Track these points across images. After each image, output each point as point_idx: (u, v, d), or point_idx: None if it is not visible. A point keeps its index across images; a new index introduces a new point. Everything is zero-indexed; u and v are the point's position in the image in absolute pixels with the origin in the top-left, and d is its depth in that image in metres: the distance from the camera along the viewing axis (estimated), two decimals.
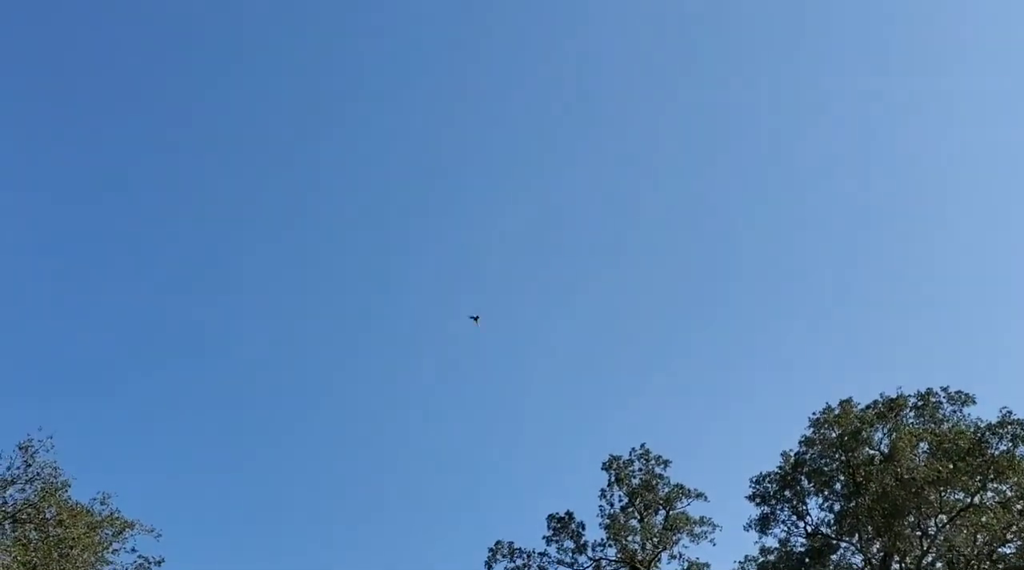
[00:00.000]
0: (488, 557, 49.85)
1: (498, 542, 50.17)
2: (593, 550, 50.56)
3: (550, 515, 51.15)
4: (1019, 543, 42.70)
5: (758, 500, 46.19)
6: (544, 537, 50.84)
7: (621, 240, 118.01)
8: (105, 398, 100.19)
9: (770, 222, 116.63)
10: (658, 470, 51.50)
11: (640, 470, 51.56)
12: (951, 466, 41.66)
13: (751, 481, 46.39)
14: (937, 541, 44.00)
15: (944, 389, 45.63)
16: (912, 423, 45.47)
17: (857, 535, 44.45)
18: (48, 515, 34.20)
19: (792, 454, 46.12)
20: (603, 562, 50.65)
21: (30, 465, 34.22)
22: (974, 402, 44.77)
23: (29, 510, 34.05)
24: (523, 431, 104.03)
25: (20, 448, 34.35)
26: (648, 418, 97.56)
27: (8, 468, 34.27)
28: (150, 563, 38.40)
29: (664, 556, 50.38)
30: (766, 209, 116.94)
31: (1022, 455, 41.47)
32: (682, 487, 51.18)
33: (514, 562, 50.00)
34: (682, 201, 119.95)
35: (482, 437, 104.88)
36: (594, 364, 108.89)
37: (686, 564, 50.56)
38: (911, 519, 43.09)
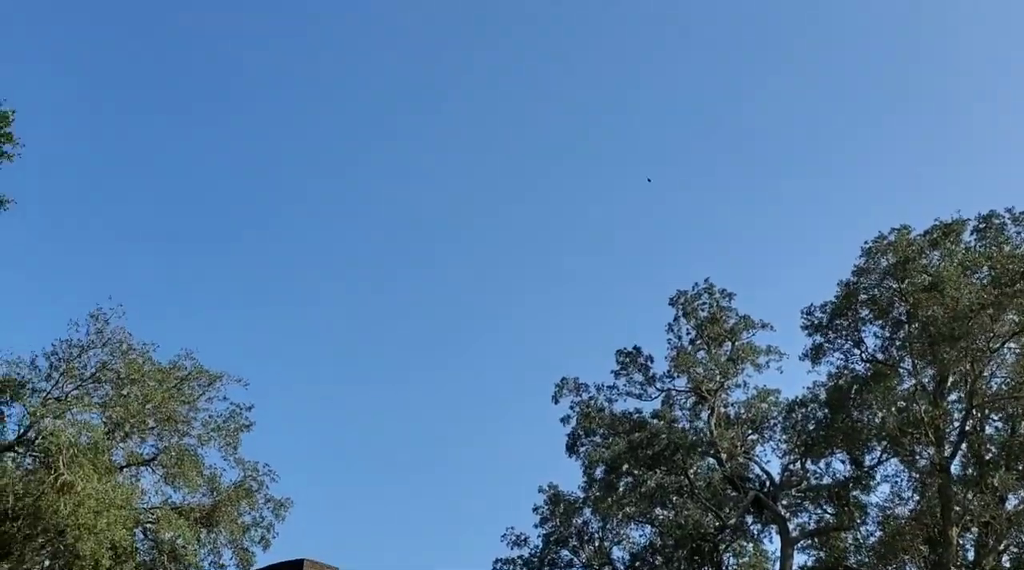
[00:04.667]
0: (555, 392, 51.77)
1: (563, 378, 51.99)
2: (661, 381, 52.16)
3: (618, 350, 52.54)
4: None
5: (810, 330, 46.31)
6: (612, 371, 52.46)
7: None
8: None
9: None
10: (723, 303, 52.08)
11: (706, 304, 52.24)
12: (1001, 292, 40.52)
13: (802, 312, 46.42)
14: (993, 365, 43.39)
15: (1009, 210, 43.76)
16: (974, 247, 44.11)
17: (911, 361, 44.25)
18: (124, 374, 38.40)
19: (845, 283, 45.70)
20: (672, 392, 52.32)
21: (102, 331, 38.26)
22: None
23: (109, 372, 38.38)
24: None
25: (91, 316, 38.45)
26: (710, 255, 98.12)
27: (86, 334, 38.40)
28: (242, 409, 42.82)
29: (730, 385, 51.61)
30: None
31: None
32: (748, 318, 51.65)
33: (580, 396, 52.01)
34: None
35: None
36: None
37: (754, 391, 51.67)
38: (963, 344, 42.29)
